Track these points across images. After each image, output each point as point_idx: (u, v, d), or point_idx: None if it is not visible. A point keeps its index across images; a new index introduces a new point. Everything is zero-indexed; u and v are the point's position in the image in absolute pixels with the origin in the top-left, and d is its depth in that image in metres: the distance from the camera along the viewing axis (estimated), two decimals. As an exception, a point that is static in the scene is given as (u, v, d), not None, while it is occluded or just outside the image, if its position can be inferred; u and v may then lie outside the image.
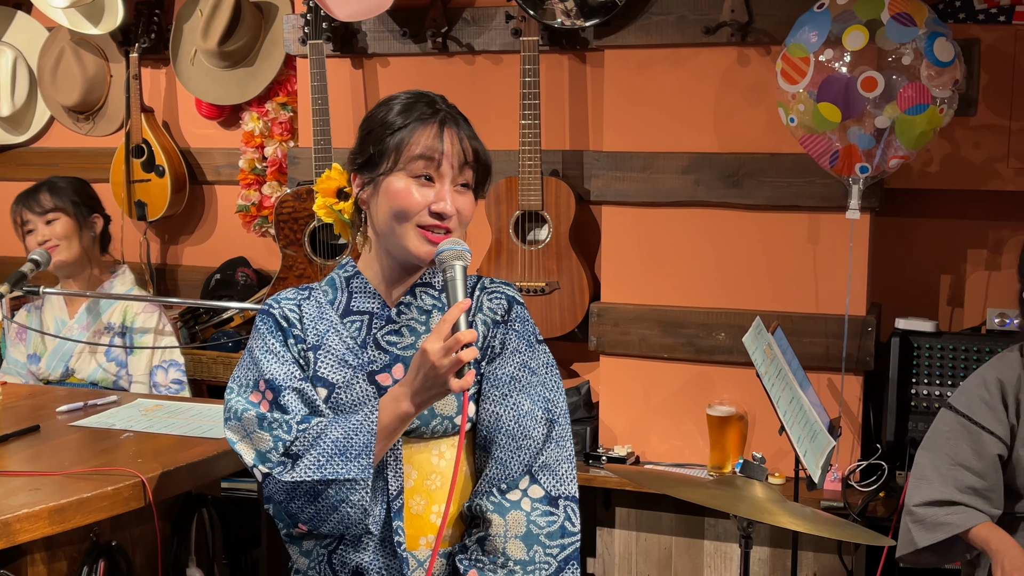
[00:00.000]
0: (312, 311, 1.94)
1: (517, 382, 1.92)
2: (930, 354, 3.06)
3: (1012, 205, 3.26)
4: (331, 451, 1.80)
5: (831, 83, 2.74)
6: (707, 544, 3.19)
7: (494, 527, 1.84)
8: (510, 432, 1.89)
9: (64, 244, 3.18)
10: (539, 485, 1.88)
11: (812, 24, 2.79)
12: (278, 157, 3.97)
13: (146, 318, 3.20)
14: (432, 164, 1.85)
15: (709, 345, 3.21)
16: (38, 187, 3.27)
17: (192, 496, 2.41)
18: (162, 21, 4.13)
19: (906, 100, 2.69)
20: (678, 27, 3.16)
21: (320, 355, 1.90)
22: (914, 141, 2.75)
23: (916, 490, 2.51)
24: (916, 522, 2.48)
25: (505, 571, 1.83)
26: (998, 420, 2.48)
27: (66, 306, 3.25)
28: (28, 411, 2.65)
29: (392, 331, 1.93)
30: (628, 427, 3.33)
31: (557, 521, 1.87)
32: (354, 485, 1.79)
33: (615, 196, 3.29)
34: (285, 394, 1.86)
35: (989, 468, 2.47)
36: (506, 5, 3.36)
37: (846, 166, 2.83)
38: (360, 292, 1.95)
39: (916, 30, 2.69)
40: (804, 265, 3.13)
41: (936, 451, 2.52)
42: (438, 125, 1.86)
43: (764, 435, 3.15)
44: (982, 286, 3.33)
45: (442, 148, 1.85)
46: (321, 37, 3.51)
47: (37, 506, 1.97)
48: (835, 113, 2.75)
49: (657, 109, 3.23)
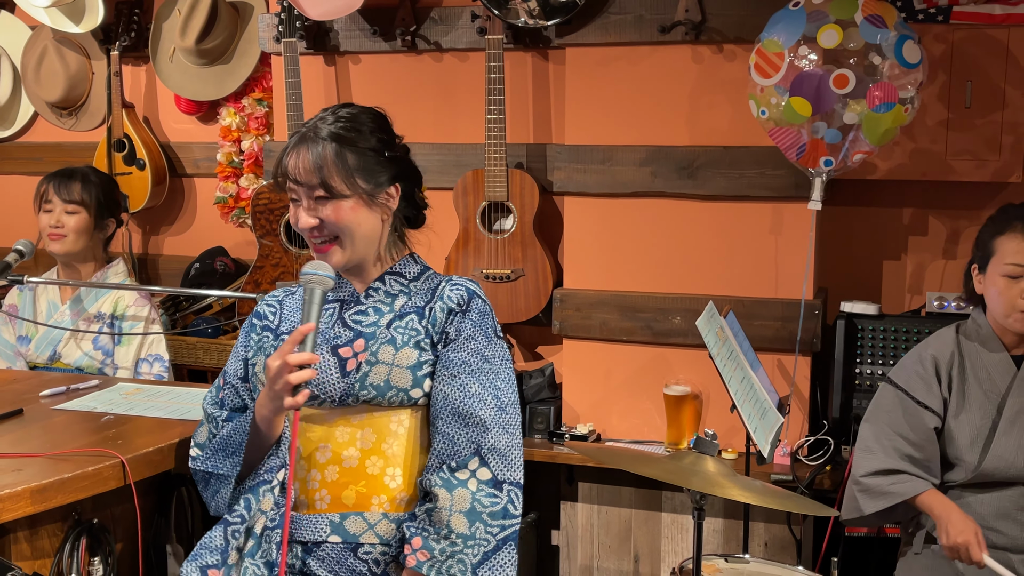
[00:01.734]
0: (292, 304, 2.09)
1: (467, 366, 1.96)
2: (873, 335, 3.08)
3: (951, 195, 3.28)
4: (216, 447, 2.02)
5: (804, 79, 2.74)
6: (664, 516, 3.21)
7: (441, 501, 1.88)
8: (456, 410, 1.93)
9: (72, 237, 3.12)
10: (488, 468, 1.91)
11: (787, 21, 2.78)
12: (254, 151, 3.94)
13: (137, 310, 3.16)
14: (291, 183, 1.96)
15: (665, 328, 3.22)
16: (74, 173, 3.17)
17: (171, 475, 2.39)
18: (142, 20, 4.08)
19: (874, 98, 2.70)
20: (635, 26, 3.15)
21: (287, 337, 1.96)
22: (879, 138, 2.77)
23: (862, 461, 2.53)
24: (863, 491, 2.50)
25: (447, 542, 1.86)
26: (933, 394, 2.51)
27: (59, 291, 3.21)
28: (12, 395, 2.62)
29: (359, 311, 2.03)
30: (590, 406, 3.34)
31: (500, 503, 1.90)
32: (224, 480, 2.00)
33: (576, 187, 3.29)
34: (226, 388, 2.09)
35: (926, 441, 2.50)
36: (472, 5, 3.34)
37: (812, 159, 2.84)
38: (336, 286, 2.03)
39: (887, 32, 2.70)
40: (755, 252, 3.14)
41: (878, 423, 2.55)
42: (297, 142, 1.95)
43: (717, 413, 3.16)
44: (922, 271, 3.36)
45: (293, 164, 1.94)
46: (295, 36, 3.48)
47: (19, 486, 1.95)
48: (806, 107, 2.75)
49: (616, 104, 3.22)
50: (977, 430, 2.49)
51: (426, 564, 1.85)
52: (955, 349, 2.54)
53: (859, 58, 2.70)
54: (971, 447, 2.49)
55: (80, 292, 3.17)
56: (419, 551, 1.86)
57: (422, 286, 2.06)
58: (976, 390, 2.51)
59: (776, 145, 2.88)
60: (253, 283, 3.60)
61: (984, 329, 2.54)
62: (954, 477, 2.52)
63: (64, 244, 3.11)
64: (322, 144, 1.93)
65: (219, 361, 3.63)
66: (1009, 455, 2.46)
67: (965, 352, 2.54)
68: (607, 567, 3.29)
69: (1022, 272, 2.42)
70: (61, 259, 3.18)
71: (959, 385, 2.52)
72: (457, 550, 1.85)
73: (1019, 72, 3.00)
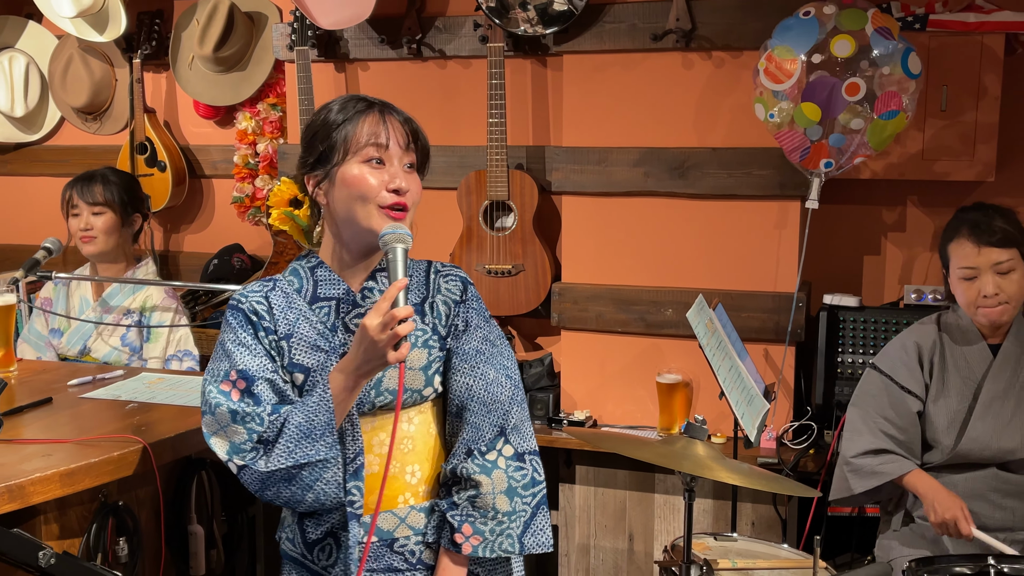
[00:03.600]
0: (280, 301, 1.88)
1: (481, 355, 1.92)
2: (854, 326, 3.08)
3: (928, 193, 3.28)
4: (297, 436, 1.77)
5: (816, 85, 2.73)
6: (657, 497, 3.21)
7: (483, 487, 1.85)
8: (481, 399, 1.89)
9: (102, 237, 3.12)
10: (510, 444, 1.90)
11: (799, 30, 2.77)
12: (269, 153, 3.94)
13: (164, 307, 3.16)
14: (380, 147, 1.82)
15: (658, 320, 3.22)
16: (94, 176, 3.15)
17: (192, 460, 2.39)
18: (162, 30, 4.08)
19: (882, 105, 2.70)
20: (629, 34, 3.15)
21: (293, 343, 1.86)
22: (881, 143, 2.78)
23: (850, 442, 2.53)
24: (852, 471, 2.50)
25: (495, 522, 1.85)
26: (915, 380, 2.53)
27: (92, 288, 3.20)
28: (42, 385, 2.62)
29: (358, 314, 1.88)
30: (587, 394, 3.34)
31: (528, 474, 1.90)
32: (325, 464, 1.78)
33: (574, 187, 3.28)
34: (258, 384, 1.81)
35: (909, 424, 2.51)
36: (474, 15, 3.34)
37: (814, 161, 2.84)
38: (325, 280, 1.90)
39: (895, 43, 2.70)
40: (742, 248, 3.14)
41: (864, 406, 2.56)
42: (378, 113, 1.85)
43: (707, 400, 3.17)
44: (900, 266, 3.36)
45: (387, 131, 1.83)
46: (307, 44, 3.48)
47: (49, 470, 1.95)
48: (816, 112, 2.74)
49: (611, 108, 3.22)
50: (954, 414, 2.50)
51: (480, 547, 1.85)
52: (936, 338, 2.55)
53: (871, 67, 2.70)
54: (948, 430, 2.50)
55: (110, 290, 3.17)
56: (471, 537, 1.85)
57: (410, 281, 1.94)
58: (955, 376, 2.52)
59: (780, 146, 2.88)
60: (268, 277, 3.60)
61: (963, 320, 2.55)
62: (931, 458, 2.53)
63: (96, 245, 3.10)
64: (408, 121, 1.87)
65: (236, 352, 3.63)
66: (984, 438, 2.47)
67: (945, 341, 2.55)
68: (603, 545, 3.29)
69: (974, 273, 2.45)
70: (94, 259, 3.17)
71: (939, 372, 2.53)
72: (504, 527, 1.86)
73: (992, 77, 3.00)
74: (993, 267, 2.42)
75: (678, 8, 3.05)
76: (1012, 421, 2.47)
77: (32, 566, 1.77)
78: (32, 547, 1.76)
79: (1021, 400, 2.48)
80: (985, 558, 1.88)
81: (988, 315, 2.45)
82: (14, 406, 2.37)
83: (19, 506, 1.89)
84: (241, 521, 2.60)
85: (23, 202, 4.50)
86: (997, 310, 2.43)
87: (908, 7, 3.10)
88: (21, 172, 4.49)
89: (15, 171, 4.52)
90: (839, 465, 2.57)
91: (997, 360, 2.50)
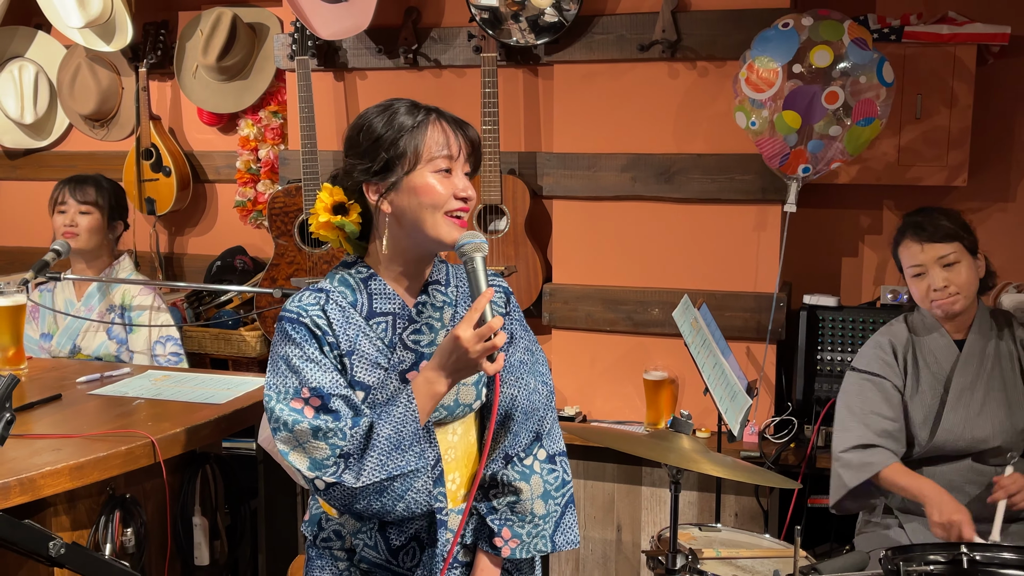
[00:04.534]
0: (337, 315, 1.77)
1: (525, 365, 1.90)
2: (833, 325, 3.09)
3: (903, 197, 3.30)
4: (388, 448, 1.70)
5: (797, 94, 2.75)
6: (644, 490, 3.22)
7: (524, 493, 1.85)
8: (524, 409, 1.88)
9: (85, 236, 3.12)
10: (544, 448, 1.90)
11: (779, 41, 2.78)
12: (270, 159, 3.94)
13: (142, 299, 3.17)
14: (450, 159, 1.77)
15: (645, 319, 3.23)
16: (87, 179, 3.17)
17: (197, 454, 2.40)
18: (167, 40, 4.08)
19: (858, 113, 2.72)
20: (617, 45, 3.16)
21: (354, 360, 1.77)
22: (857, 148, 2.80)
23: (839, 439, 2.54)
24: (844, 466, 2.50)
25: (531, 525, 1.86)
26: (895, 374, 2.54)
27: (75, 289, 3.21)
28: (51, 382, 2.62)
29: (415, 330, 1.81)
30: (577, 390, 3.35)
31: (559, 476, 1.91)
32: (416, 474, 1.72)
33: (564, 191, 3.29)
34: (334, 401, 1.71)
35: (897, 411, 2.52)
36: (468, 26, 3.34)
37: (792, 166, 2.85)
38: (379, 294, 1.81)
39: (871, 54, 2.72)
40: (726, 250, 3.15)
41: (850, 405, 2.56)
42: (444, 124, 1.79)
43: (692, 396, 3.18)
44: (876, 267, 3.38)
45: (457, 142, 1.78)
46: (307, 54, 3.48)
47: (59, 464, 1.95)
48: (796, 120, 2.76)
49: (599, 116, 3.23)
50: (928, 408, 2.51)
51: (517, 549, 1.86)
52: (907, 336, 2.57)
53: (848, 76, 2.71)
54: (924, 424, 2.51)
55: (91, 288, 3.18)
56: (510, 540, 1.85)
57: (456, 291, 1.90)
58: (926, 372, 2.53)
59: (760, 153, 2.90)
60: (270, 279, 3.60)
61: (928, 318, 2.57)
62: (909, 452, 2.54)
63: (77, 241, 3.11)
64: (468, 129, 1.81)
65: (239, 350, 3.64)
66: (957, 429, 2.48)
67: (915, 339, 2.57)
68: (593, 536, 3.30)
69: (922, 270, 2.48)
70: (74, 255, 3.17)
71: (913, 369, 2.54)
72: (539, 529, 1.87)
73: (964, 86, 3.02)
74: (938, 261, 2.45)
75: (664, 20, 3.07)
76: (982, 411, 2.49)
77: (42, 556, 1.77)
78: (43, 537, 1.76)
79: (989, 390, 2.50)
80: (958, 547, 1.88)
81: (942, 306, 2.47)
82: (25, 402, 2.37)
83: (30, 498, 1.90)
84: (244, 513, 2.61)
85: (32, 206, 4.48)
86: (948, 300, 2.46)
87: (884, 19, 3.12)
88: (30, 177, 4.49)
89: (25, 176, 4.51)
90: (832, 466, 2.55)
91: (963, 354, 2.52)
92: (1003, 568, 1.84)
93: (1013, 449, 2.50)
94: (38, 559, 1.81)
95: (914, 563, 1.88)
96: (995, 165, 3.25)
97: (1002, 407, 2.49)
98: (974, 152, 3.13)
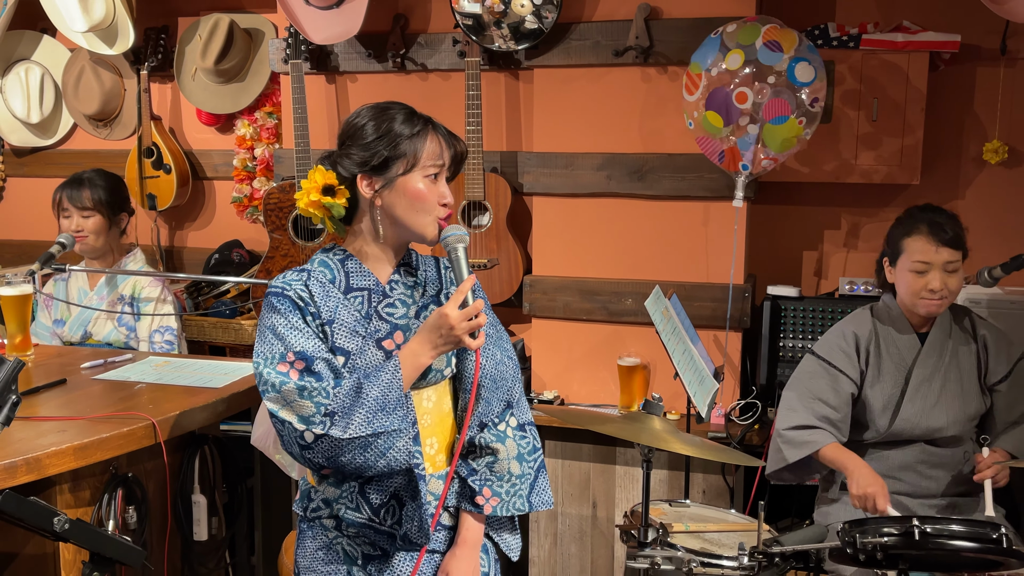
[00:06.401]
0: (318, 290, 1.86)
1: (490, 339, 1.96)
2: (794, 314, 3.10)
3: (860, 195, 3.31)
4: (375, 408, 1.77)
5: (714, 95, 2.76)
6: (618, 468, 3.23)
7: (501, 453, 1.92)
8: (492, 377, 1.94)
9: (93, 237, 3.09)
10: (514, 416, 1.97)
11: (707, 47, 2.81)
12: (266, 157, 3.92)
13: (150, 290, 3.15)
14: (440, 167, 1.86)
15: (619, 309, 3.23)
16: (81, 181, 3.11)
17: (196, 435, 2.38)
18: (167, 44, 4.04)
19: (770, 112, 2.72)
20: (593, 50, 3.15)
21: (335, 328, 1.85)
22: (779, 146, 2.78)
23: (784, 418, 2.54)
24: (785, 443, 2.51)
25: (509, 484, 1.92)
26: (852, 365, 2.53)
27: (88, 279, 3.18)
28: (57, 367, 2.60)
29: (388, 304, 1.89)
30: (555, 376, 3.35)
31: (530, 441, 1.97)
32: (398, 434, 1.78)
33: (543, 189, 3.29)
34: (317, 364, 1.79)
35: (843, 403, 2.51)
36: (453, 32, 3.33)
37: (731, 163, 2.86)
38: (355, 272, 1.89)
39: (782, 55, 2.71)
40: (695, 244, 3.16)
41: (800, 388, 2.56)
42: (438, 134, 1.87)
43: (663, 380, 3.18)
44: (835, 260, 3.39)
45: (449, 153, 1.87)
46: (300, 57, 3.45)
47: (64, 445, 1.93)
48: (719, 120, 2.77)
49: (577, 117, 3.22)
50: (888, 397, 2.51)
51: (498, 507, 1.91)
52: (872, 327, 2.56)
53: (756, 78, 2.71)
54: (883, 412, 2.51)
55: (103, 279, 3.16)
56: (491, 499, 1.91)
57: (424, 274, 1.97)
58: (888, 363, 2.53)
59: (701, 152, 2.90)
60: (265, 271, 3.58)
61: (894, 311, 2.55)
62: (868, 436, 2.54)
63: (87, 244, 3.09)
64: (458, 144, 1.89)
65: (236, 339, 3.61)
66: (914, 418, 2.49)
67: (879, 330, 2.55)
68: (570, 512, 3.30)
69: (926, 268, 2.43)
70: (87, 255, 3.15)
71: (875, 359, 2.53)
72: (516, 488, 1.93)
73: (916, 90, 3.03)
74: (944, 265, 2.42)
75: (637, 27, 3.06)
76: (938, 402, 2.49)
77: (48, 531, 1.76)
78: (48, 514, 1.74)
79: (946, 382, 2.51)
80: (910, 519, 1.90)
81: (927, 307, 2.45)
82: (31, 386, 2.35)
83: (36, 477, 1.88)
84: (241, 491, 2.60)
85: (38, 202, 4.44)
86: (936, 303, 2.44)
87: (844, 27, 3.13)
88: (37, 174, 4.44)
89: (31, 173, 4.46)
90: (774, 439, 2.57)
91: (925, 347, 2.52)
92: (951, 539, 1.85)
93: (964, 436, 2.52)
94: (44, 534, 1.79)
95: (869, 535, 1.89)
96: (945, 165, 3.27)
97: (957, 398, 2.50)
98: (926, 152, 3.15)
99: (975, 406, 2.51)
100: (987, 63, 3.17)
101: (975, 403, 2.51)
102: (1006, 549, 1.81)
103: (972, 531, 1.85)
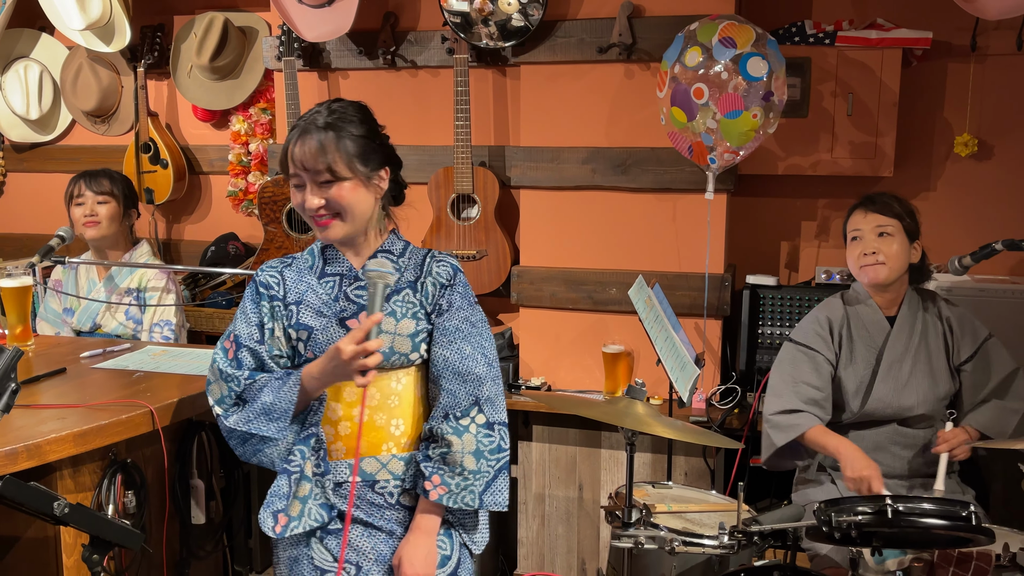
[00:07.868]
0: (293, 276, 1.96)
1: (460, 332, 1.94)
2: (773, 302, 3.11)
3: (835, 187, 3.32)
4: (259, 411, 1.88)
5: (676, 92, 2.77)
6: (603, 452, 3.23)
7: (454, 446, 1.88)
8: (455, 370, 1.91)
9: (105, 224, 3.08)
10: (483, 413, 1.92)
11: (675, 45, 2.82)
12: (260, 152, 3.90)
13: (156, 282, 3.13)
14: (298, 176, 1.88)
15: (604, 298, 3.23)
16: (99, 172, 3.12)
17: (193, 422, 2.37)
18: (163, 41, 4.01)
19: (724, 106, 2.71)
20: (578, 47, 3.15)
21: (301, 308, 1.93)
22: (736, 140, 2.77)
23: (770, 404, 2.55)
24: (773, 427, 2.51)
25: (460, 478, 1.88)
26: (828, 348, 2.54)
27: (97, 271, 3.17)
28: (56, 357, 2.58)
29: (359, 287, 1.94)
30: (542, 363, 3.35)
31: (495, 441, 1.92)
32: (271, 441, 1.89)
33: (530, 182, 3.28)
34: (242, 351, 1.92)
35: (825, 382, 2.52)
36: (442, 30, 3.31)
37: (700, 157, 2.86)
38: (332, 259, 1.96)
39: (734, 51, 2.70)
40: (677, 235, 3.16)
41: (783, 374, 2.56)
42: (298, 135, 1.87)
43: (646, 366, 3.19)
44: (812, 249, 3.40)
45: (296, 157, 1.86)
46: (293, 55, 3.43)
47: (64, 432, 1.92)
48: (682, 115, 2.77)
49: (562, 113, 3.22)
50: (861, 379, 2.52)
51: (445, 496, 1.88)
52: (843, 312, 2.57)
53: (711, 74, 2.71)
54: (856, 393, 2.52)
55: (112, 271, 3.14)
56: (439, 487, 1.88)
57: (408, 261, 1.98)
58: (860, 345, 2.54)
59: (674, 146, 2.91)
60: (260, 263, 3.56)
61: (862, 295, 2.57)
62: (841, 418, 2.55)
63: (99, 229, 3.06)
64: (322, 133, 1.84)
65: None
66: (886, 398, 2.50)
67: (850, 314, 2.57)
68: (556, 494, 3.31)
69: (858, 235, 2.49)
70: (94, 244, 3.13)
71: (847, 342, 2.55)
72: (468, 483, 1.89)
73: (891, 86, 3.04)
74: (874, 229, 2.46)
75: (620, 25, 3.05)
76: (909, 382, 2.51)
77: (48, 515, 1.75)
78: (48, 498, 1.73)
79: (916, 363, 2.52)
80: (883, 499, 1.90)
81: (867, 272, 2.47)
82: (31, 375, 2.33)
83: (37, 463, 1.87)
84: (237, 476, 2.59)
85: (38, 196, 4.41)
86: (875, 268, 2.46)
87: (820, 25, 3.14)
88: (36, 169, 4.41)
89: (31, 168, 4.43)
90: (763, 425, 2.58)
91: (894, 329, 2.53)
92: (923, 517, 1.86)
93: (934, 416, 2.53)
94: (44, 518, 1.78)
95: (844, 514, 1.90)
96: (918, 158, 3.28)
97: (926, 378, 2.51)
98: (899, 145, 3.16)
99: (944, 386, 2.52)
100: (958, 59, 3.18)
101: (944, 383, 2.53)
102: (975, 527, 1.82)
103: (943, 509, 1.86)
